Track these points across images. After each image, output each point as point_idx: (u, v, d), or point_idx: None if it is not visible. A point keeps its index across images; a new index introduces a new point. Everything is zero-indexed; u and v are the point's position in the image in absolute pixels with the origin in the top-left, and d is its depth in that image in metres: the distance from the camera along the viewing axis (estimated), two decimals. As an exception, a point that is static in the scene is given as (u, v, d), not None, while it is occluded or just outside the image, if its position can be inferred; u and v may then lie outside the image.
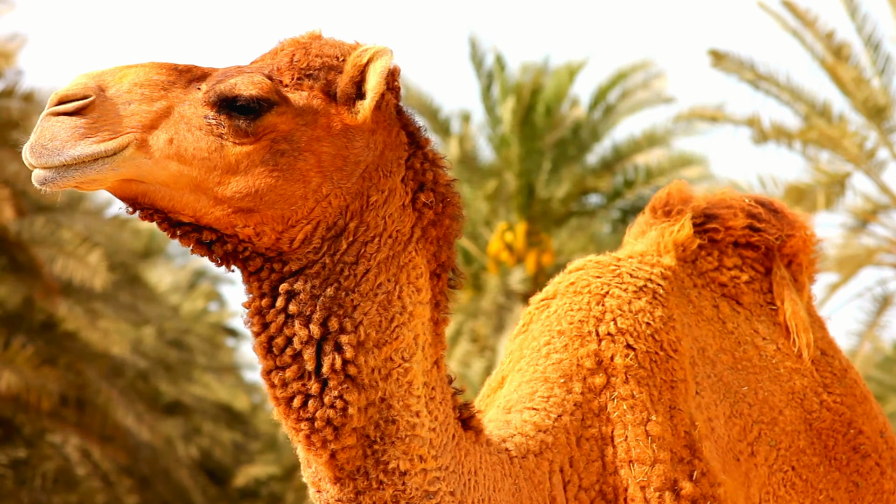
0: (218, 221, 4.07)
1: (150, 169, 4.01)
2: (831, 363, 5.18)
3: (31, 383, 22.74)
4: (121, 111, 4.00)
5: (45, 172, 3.97)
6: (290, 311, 4.10)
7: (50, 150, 3.96)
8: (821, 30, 21.77)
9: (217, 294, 42.35)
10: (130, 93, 4.02)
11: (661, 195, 5.23)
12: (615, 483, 4.52)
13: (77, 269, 23.08)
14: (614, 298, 4.76)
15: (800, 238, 5.28)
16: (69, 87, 4.00)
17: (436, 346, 4.30)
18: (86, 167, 3.96)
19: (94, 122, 3.98)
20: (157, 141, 4.01)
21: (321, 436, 4.11)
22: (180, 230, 4.11)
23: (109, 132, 3.98)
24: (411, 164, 4.25)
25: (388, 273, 4.17)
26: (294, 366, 4.10)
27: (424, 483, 4.20)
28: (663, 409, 4.59)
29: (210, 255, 4.14)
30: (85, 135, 3.97)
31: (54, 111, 3.99)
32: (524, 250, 28.26)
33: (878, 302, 22.78)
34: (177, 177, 4.02)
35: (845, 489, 4.99)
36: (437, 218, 4.26)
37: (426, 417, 4.21)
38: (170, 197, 4.04)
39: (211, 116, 4.06)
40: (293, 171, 4.09)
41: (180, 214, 4.07)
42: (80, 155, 3.96)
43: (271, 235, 4.09)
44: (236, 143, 4.06)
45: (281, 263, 4.12)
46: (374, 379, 4.14)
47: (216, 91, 4.08)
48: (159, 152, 4.01)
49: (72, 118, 3.98)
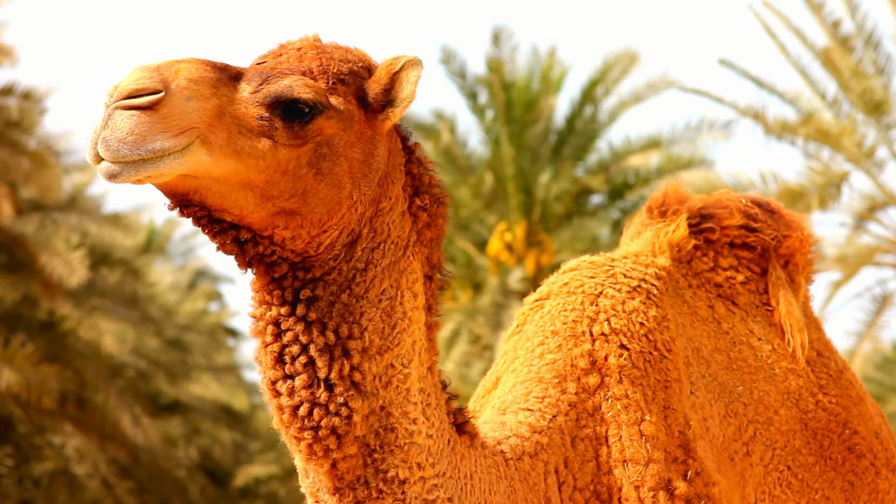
0: (261, 221, 4.07)
1: (208, 165, 3.99)
2: (827, 364, 5.18)
3: (30, 381, 22.75)
4: (184, 107, 3.98)
5: (115, 167, 3.92)
6: (309, 318, 4.10)
7: (128, 144, 3.91)
8: (826, 19, 21.75)
9: (217, 294, 42.35)
10: (188, 89, 3.99)
11: (657, 195, 5.23)
12: (609, 483, 4.52)
13: (58, 266, 23.05)
14: (608, 298, 4.76)
15: (796, 238, 5.28)
16: (137, 80, 3.95)
17: (430, 351, 4.31)
18: (159, 162, 3.93)
19: (165, 118, 3.95)
20: (216, 138, 4.00)
21: (324, 445, 4.10)
22: (218, 227, 4.10)
23: (178, 128, 3.95)
24: (409, 170, 4.30)
25: (390, 279, 4.20)
26: (304, 374, 4.10)
27: (423, 492, 4.21)
28: (657, 408, 4.59)
29: (241, 254, 4.13)
30: (161, 130, 3.93)
31: (126, 105, 3.94)
32: (524, 250, 28.26)
33: (877, 302, 22.79)
34: (231, 174, 4.01)
35: (841, 489, 4.99)
36: (431, 220, 4.30)
37: (423, 424, 4.22)
38: (221, 194, 4.03)
39: (265, 117, 4.06)
40: (332, 175, 4.12)
41: (226, 212, 4.06)
42: (157, 149, 3.92)
43: (305, 239, 4.11)
44: (287, 145, 4.07)
45: (304, 270, 4.13)
46: (376, 387, 4.15)
47: (270, 92, 4.09)
48: (219, 150, 4.00)
49: (146, 113, 3.94)
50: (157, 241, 40.69)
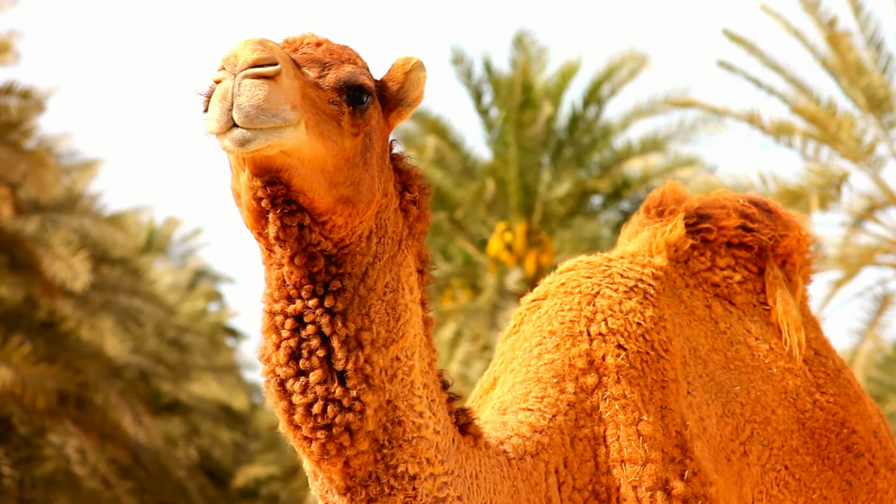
0: (325, 206, 4.04)
1: (303, 144, 3.95)
2: (825, 363, 5.18)
3: (27, 381, 22.74)
4: (291, 83, 3.94)
5: (249, 133, 3.85)
6: (336, 309, 4.08)
7: (266, 111, 3.85)
8: (822, 17, 21.75)
9: (217, 294, 42.35)
10: (284, 66, 3.95)
11: (655, 195, 5.24)
12: (608, 483, 4.53)
13: (61, 269, 23.04)
14: (605, 299, 4.77)
15: (794, 238, 5.28)
16: (255, 51, 3.88)
17: (428, 346, 4.32)
18: (282, 131, 3.89)
19: (286, 90, 3.92)
20: (309, 118, 3.97)
21: (337, 442, 4.09)
22: (289, 208, 4.01)
23: (292, 101, 3.93)
24: (395, 166, 4.32)
25: (392, 272, 4.21)
26: (320, 369, 4.07)
27: (434, 489, 4.22)
28: (654, 408, 4.59)
29: (298, 240, 4.04)
30: (285, 100, 3.89)
31: (254, 73, 3.88)
32: (524, 250, 28.25)
33: (878, 301, 22.78)
34: (314, 156, 3.98)
35: (839, 488, 5.00)
36: (420, 213, 4.31)
37: (430, 419, 4.23)
38: (303, 176, 3.98)
39: (335, 100, 4.05)
40: (371, 166, 4.13)
41: (302, 195, 4.00)
42: (286, 119, 3.88)
43: (350, 227, 4.10)
44: (348, 132, 4.07)
45: (336, 265, 4.11)
46: (383, 380, 4.15)
47: (341, 77, 4.08)
48: (312, 129, 3.97)
49: (269, 82, 3.88)
50: (157, 241, 40.70)
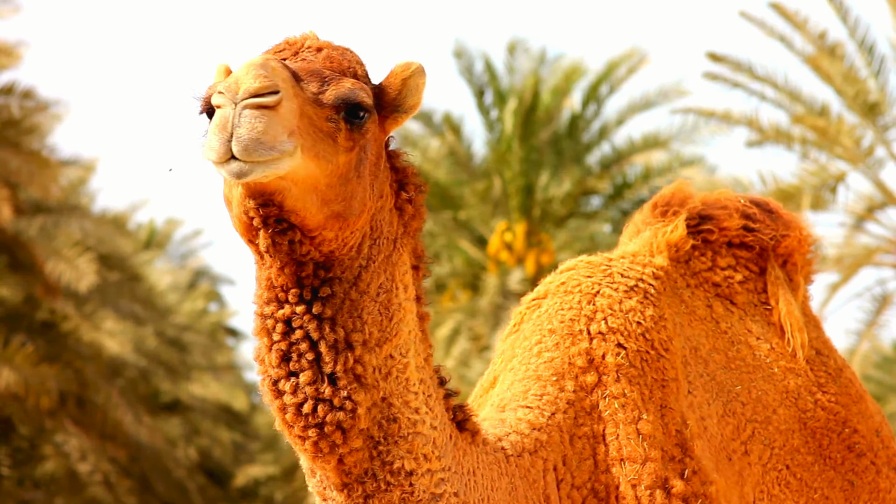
0: (316, 224, 4.04)
1: (298, 167, 3.95)
2: (826, 363, 5.18)
3: (30, 381, 22.75)
4: (290, 107, 3.94)
5: (247, 166, 3.87)
6: (324, 315, 4.09)
7: (264, 144, 3.87)
8: (812, 30, 21.76)
9: (217, 294, 42.39)
10: (285, 88, 3.95)
11: (665, 192, 5.25)
12: (607, 481, 4.53)
13: (66, 270, 23.04)
14: (605, 298, 4.77)
15: (795, 238, 5.28)
16: (257, 79, 3.90)
17: (424, 342, 4.32)
18: (279, 162, 3.91)
19: (284, 118, 3.92)
20: (305, 140, 3.97)
21: (330, 441, 4.10)
22: (281, 227, 4.03)
23: (289, 128, 3.93)
24: (391, 164, 4.30)
25: (386, 273, 4.21)
26: (309, 370, 4.09)
27: (431, 485, 4.23)
28: (654, 407, 4.60)
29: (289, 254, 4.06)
30: (283, 131, 3.90)
31: (254, 104, 3.89)
32: (524, 250, 28.25)
33: (877, 301, 22.79)
34: (307, 177, 3.98)
35: (840, 488, 5.00)
36: (416, 211, 4.31)
37: (427, 415, 4.24)
38: (296, 196, 3.98)
39: (333, 118, 4.04)
40: (364, 178, 4.12)
41: (294, 214, 4.01)
42: (283, 150, 3.89)
43: (340, 239, 4.10)
44: (343, 147, 4.05)
45: (325, 270, 4.11)
46: (376, 378, 4.16)
47: (339, 94, 4.06)
48: (307, 151, 3.97)
49: (272, 112, 3.89)
50: (157, 241, 40.70)
